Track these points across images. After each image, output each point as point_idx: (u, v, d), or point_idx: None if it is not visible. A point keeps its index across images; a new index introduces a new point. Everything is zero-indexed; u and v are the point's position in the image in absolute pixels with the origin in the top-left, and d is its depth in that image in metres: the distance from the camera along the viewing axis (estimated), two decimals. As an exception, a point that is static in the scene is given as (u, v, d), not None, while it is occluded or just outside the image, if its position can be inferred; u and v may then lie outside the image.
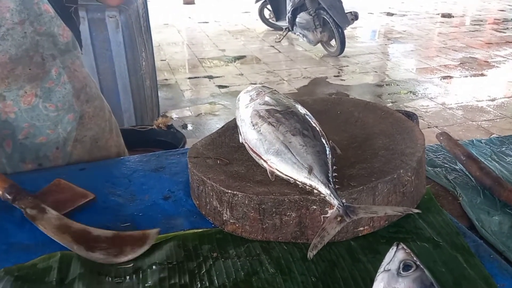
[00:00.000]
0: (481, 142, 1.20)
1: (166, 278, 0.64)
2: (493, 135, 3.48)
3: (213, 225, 0.78)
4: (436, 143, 1.18)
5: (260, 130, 0.78)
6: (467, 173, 1.03)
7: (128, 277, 0.65)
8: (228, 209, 0.74)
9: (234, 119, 0.99)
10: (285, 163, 0.72)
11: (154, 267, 0.67)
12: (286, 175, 0.72)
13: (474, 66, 5.00)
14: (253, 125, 0.80)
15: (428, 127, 3.47)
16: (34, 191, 0.87)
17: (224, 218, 0.75)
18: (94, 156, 1.09)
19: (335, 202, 0.65)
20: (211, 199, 0.76)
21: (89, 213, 0.82)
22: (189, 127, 3.64)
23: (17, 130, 0.97)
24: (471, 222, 0.88)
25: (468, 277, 0.65)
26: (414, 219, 0.78)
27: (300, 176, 0.70)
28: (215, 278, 0.64)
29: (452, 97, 4.10)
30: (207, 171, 0.78)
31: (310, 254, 0.61)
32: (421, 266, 0.54)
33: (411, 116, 0.98)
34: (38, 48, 0.94)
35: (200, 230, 0.77)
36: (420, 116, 3.67)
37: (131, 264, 0.68)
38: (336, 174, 0.70)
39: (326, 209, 0.70)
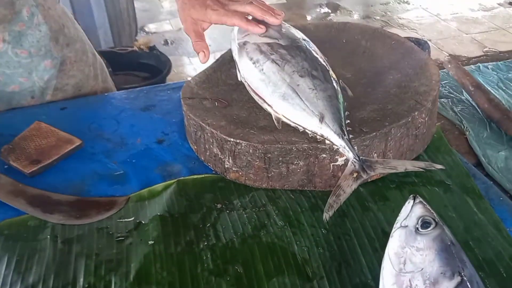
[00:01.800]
0: (488, 68, 1.14)
1: (171, 234, 0.61)
2: (486, 48, 3.38)
3: (214, 172, 0.73)
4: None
5: (262, 69, 0.70)
6: (473, 103, 0.99)
7: (129, 233, 0.62)
8: (230, 158, 0.69)
9: (230, 50, 0.89)
10: (293, 109, 0.65)
11: (155, 221, 0.63)
12: (294, 122, 0.65)
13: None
14: (254, 63, 0.71)
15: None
16: (13, 135, 0.79)
17: (226, 166, 0.70)
18: None
19: (350, 155, 0.61)
20: (211, 146, 0.71)
21: (76, 160, 0.76)
22: (171, 43, 3.43)
23: None
24: (478, 158, 0.86)
25: (478, 223, 0.64)
26: (423, 161, 0.74)
27: (310, 124, 0.64)
28: (221, 233, 0.61)
29: (447, 7, 3.91)
30: (205, 115, 0.72)
31: (326, 215, 0.58)
32: (440, 223, 0.52)
33: (422, 45, 0.90)
34: None
35: (201, 176, 0.72)
36: (413, 29, 3.53)
37: (132, 218, 0.64)
38: (348, 121, 0.65)
39: (336, 157, 0.65)
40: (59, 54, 0.92)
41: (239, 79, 0.76)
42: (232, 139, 0.66)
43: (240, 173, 0.69)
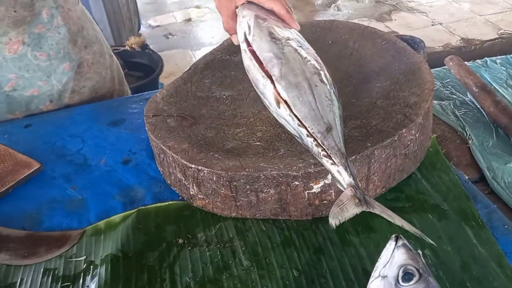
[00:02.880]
0: (496, 63, 1.03)
1: (121, 279, 0.54)
2: (501, 31, 3.18)
3: (180, 198, 0.66)
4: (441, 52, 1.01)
5: (283, 50, 0.61)
6: (478, 106, 0.89)
7: (76, 278, 0.55)
8: (194, 185, 0.61)
9: (204, 57, 0.81)
10: (301, 102, 0.56)
11: (106, 263, 0.56)
12: (295, 114, 0.56)
13: None
14: (273, 39, 0.62)
15: (432, 25, 3.18)
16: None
17: (192, 193, 0.63)
18: None
19: (349, 180, 0.51)
20: (175, 171, 0.63)
21: (34, 186, 0.70)
22: (175, 36, 3.34)
23: (2, 81, 0.83)
24: (481, 172, 0.76)
25: (478, 258, 0.55)
26: (416, 181, 0.66)
27: (313, 126, 0.54)
28: (178, 277, 0.54)
29: (460, -12, 3.72)
30: (167, 136, 0.64)
31: (332, 222, 0.48)
32: (425, 274, 0.44)
33: (417, 43, 0.80)
34: None
35: (166, 203, 0.65)
36: (424, 12, 3.37)
37: (84, 257, 0.58)
38: None
39: (310, 184, 0.57)
40: (77, 56, 0.89)
41: (239, 39, 0.67)
42: (193, 166, 0.59)
43: (207, 200, 0.62)
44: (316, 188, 0.57)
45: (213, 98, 0.72)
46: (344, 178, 0.52)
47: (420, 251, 0.55)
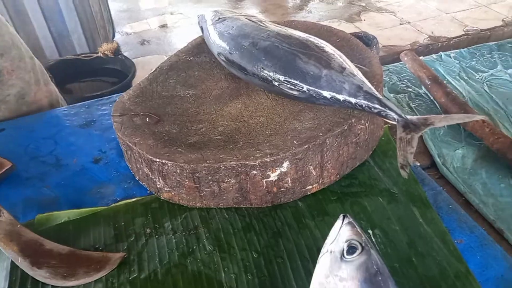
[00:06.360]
0: (450, 57, 1.10)
1: (91, 268, 0.57)
2: (467, 27, 3.30)
3: (148, 192, 0.70)
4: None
5: None
6: (431, 97, 0.95)
7: (49, 269, 0.58)
8: (160, 178, 0.65)
9: (169, 59, 0.85)
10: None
11: (79, 253, 0.59)
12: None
13: None
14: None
15: (400, 24, 3.28)
16: None
17: (158, 186, 0.66)
18: (24, 114, 0.93)
19: (393, 114, 0.60)
20: (141, 166, 0.67)
21: (8, 186, 0.72)
22: (150, 42, 3.36)
23: None
24: (433, 159, 0.82)
25: (423, 235, 0.61)
26: (369, 168, 0.71)
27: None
28: (146, 263, 0.57)
29: (427, -13, 3.83)
30: (134, 133, 0.67)
31: (404, 173, 0.57)
32: (367, 247, 0.48)
33: (370, 39, 0.86)
34: None
35: (134, 200, 0.68)
36: (392, 12, 3.47)
37: (55, 251, 0.61)
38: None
39: (268, 173, 0.61)
40: None
41: None
42: (158, 160, 0.62)
43: (173, 193, 0.66)
44: (273, 176, 0.62)
45: (178, 97, 0.75)
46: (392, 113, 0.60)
47: (370, 231, 0.60)
